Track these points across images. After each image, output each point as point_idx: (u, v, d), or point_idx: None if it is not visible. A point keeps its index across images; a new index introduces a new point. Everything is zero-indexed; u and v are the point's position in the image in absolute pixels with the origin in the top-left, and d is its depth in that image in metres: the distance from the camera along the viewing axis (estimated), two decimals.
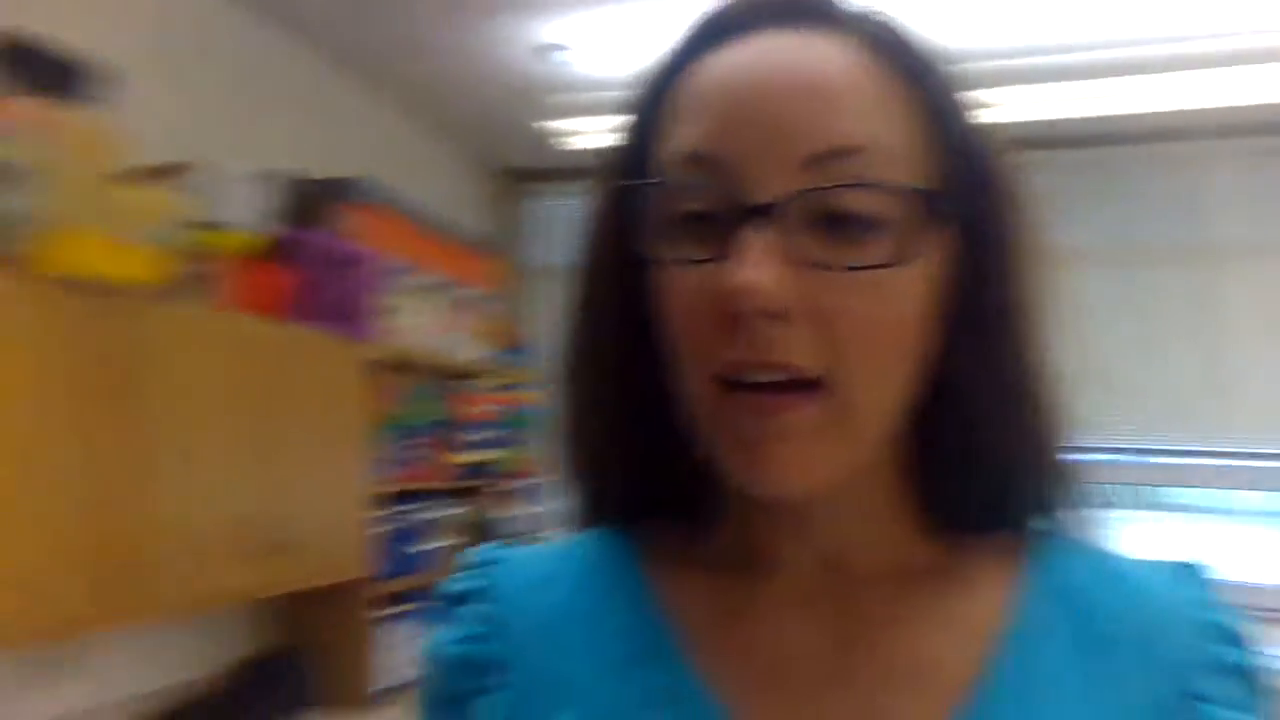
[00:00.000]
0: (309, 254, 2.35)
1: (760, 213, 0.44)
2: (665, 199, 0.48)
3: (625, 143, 0.53)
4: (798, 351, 0.44)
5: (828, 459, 0.46)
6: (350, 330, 2.44)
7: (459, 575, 0.58)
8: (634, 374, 0.53)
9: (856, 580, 0.51)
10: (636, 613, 0.53)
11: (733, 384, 0.46)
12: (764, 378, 0.45)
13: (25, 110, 1.65)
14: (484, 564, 0.58)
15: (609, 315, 0.54)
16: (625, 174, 0.52)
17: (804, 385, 0.45)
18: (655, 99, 0.51)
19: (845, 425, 0.46)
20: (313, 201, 2.46)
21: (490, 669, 0.53)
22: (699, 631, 0.51)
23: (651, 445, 0.54)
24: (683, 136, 0.48)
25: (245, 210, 2.27)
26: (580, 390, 0.56)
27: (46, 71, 1.74)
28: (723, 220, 0.45)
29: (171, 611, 2.17)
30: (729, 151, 0.45)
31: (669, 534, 0.56)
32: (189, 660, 2.38)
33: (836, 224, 0.45)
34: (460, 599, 0.57)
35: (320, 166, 2.65)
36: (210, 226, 2.10)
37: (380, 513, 2.61)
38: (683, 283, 0.47)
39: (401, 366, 2.76)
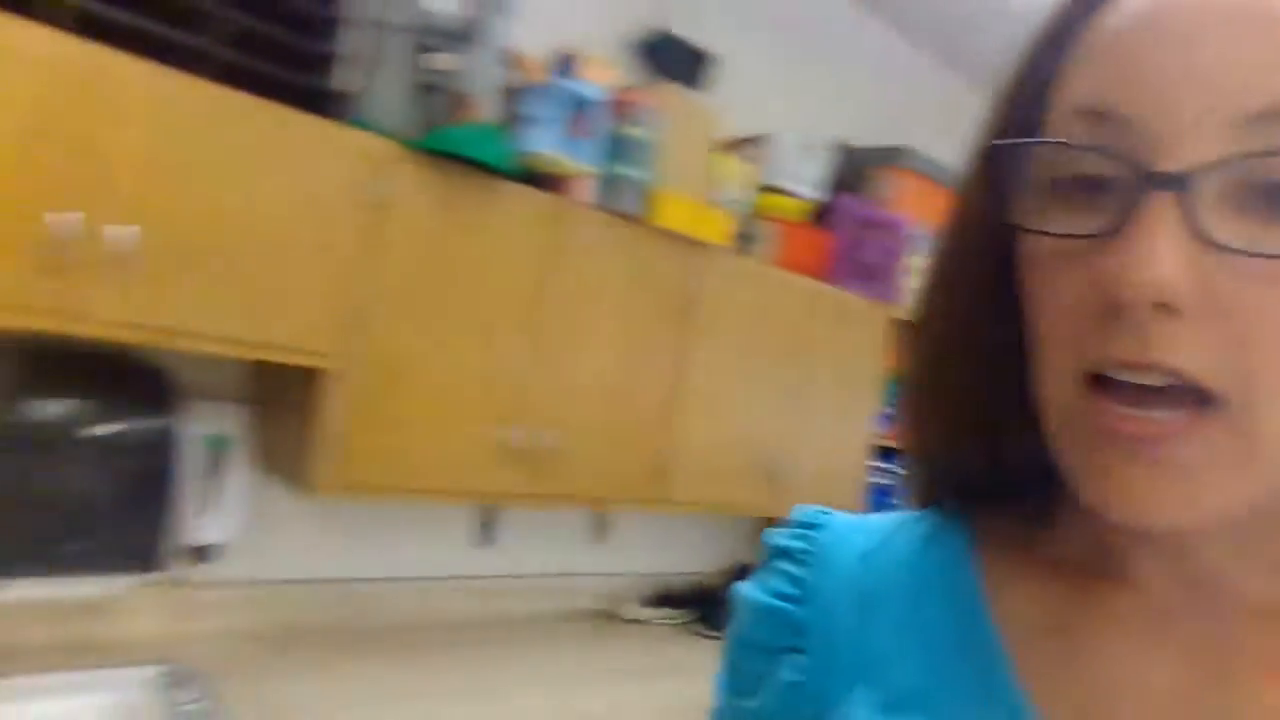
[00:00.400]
0: (849, 218, 2.51)
1: (1169, 183, 0.36)
2: (1051, 159, 0.40)
3: (1014, 93, 0.45)
4: (1191, 356, 0.36)
5: (1215, 494, 0.37)
6: (877, 291, 2.57)
7: (785, 530, 0.56)
8: (990, 350, 0.46)
9: (1234, 612, 0.43)
10: (959, 602, 0.48)
11: (1100, 380, 0.38)
12: (1141, 380, 0.37)
13: (657, 95, 2.01)
14: (808, 525, 0.55)
15: (967, 287, 0.47)
16: (1009, 129, 0.44)
17: (1189, 395, 0.37)
18: (1058, 42, 0.43)
19: (1245, 455, 0.37)
20: (859, 168, 2.60)
21: (795, 630, 0.51)
22: (1027, 636, 0.46)
23: (1001, 425, 0.48)
24: (1081, 85, 0.40)
25: (801, 177, 2.49)
26: (931, 360, 0.50)
27: (677, 60, 2.08)
28: (1119, 189, 0.37)
29: (684, 509, 2.58)
30: (1138, 105, 0.37)
31: (1010, 521, 0.50)
32: (690, 554, 2.83)
33: (1270, 200, 0.35)
34: (781, 553, 0.55)
35: (875, 134, 2.77)
36: (772, 191, 2.36)
37: (871, 464, 2.76)
38: (1059, 260, 0.40)
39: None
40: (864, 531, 0.54)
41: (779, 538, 0.55)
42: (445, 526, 2.27)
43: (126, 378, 1.63)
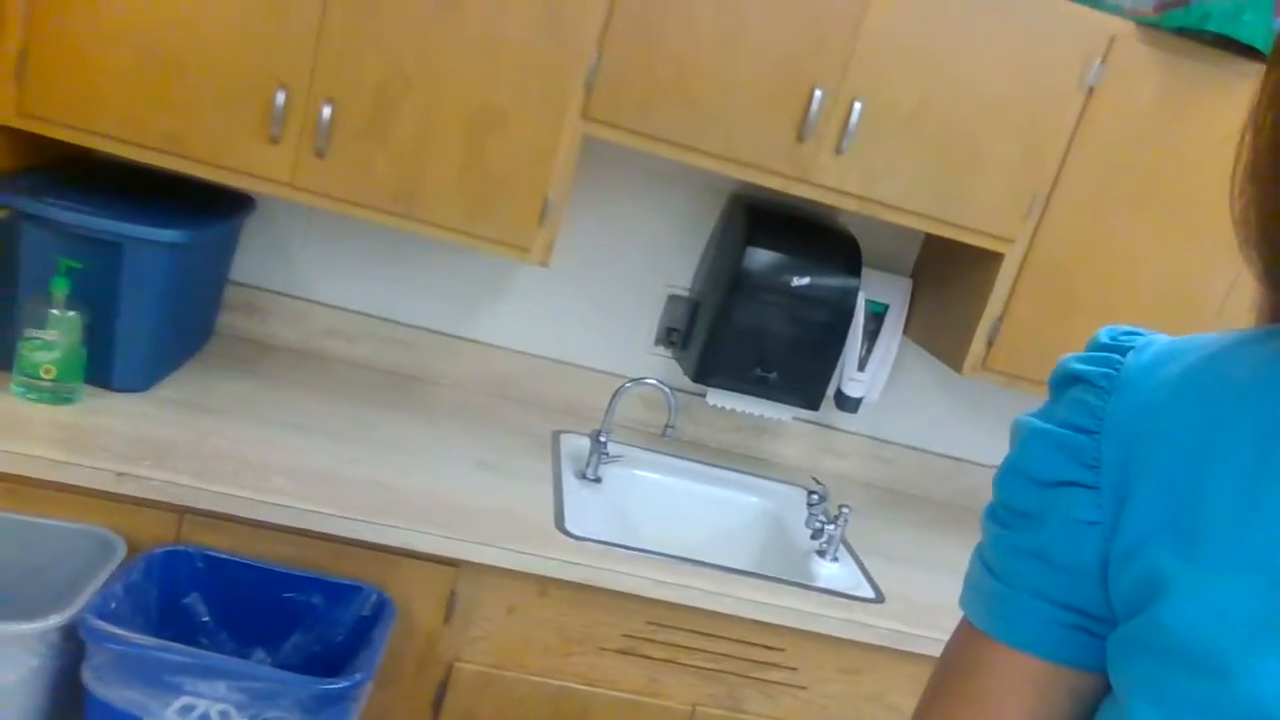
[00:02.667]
0: None
1: None
2: None
3: None
4: None
5: None
6: None
7: (1084, 355, 0.49)
8: None
9: None
10: None
11: None
12: None
13: None
14: (1113, 349, 0.48)
15: None
16: None
17: None
18: None
19: None
20: None
21: (1088, 464, 0.45)
22: None
23: None
24: None
25: None
26: None
27: None
28: None
29: None
30: None
31: None
32: None
33: None
34: (1076, 380, 0.48)
35: None
36: None
37: None
38: None
39: None
40: (1185, 353, 0.46)
41: (1076, 362, 0.49)
42: None
43: (826, 239, 1.86)
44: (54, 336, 1.38)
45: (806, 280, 1.81)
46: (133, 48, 1.46)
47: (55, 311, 1.38)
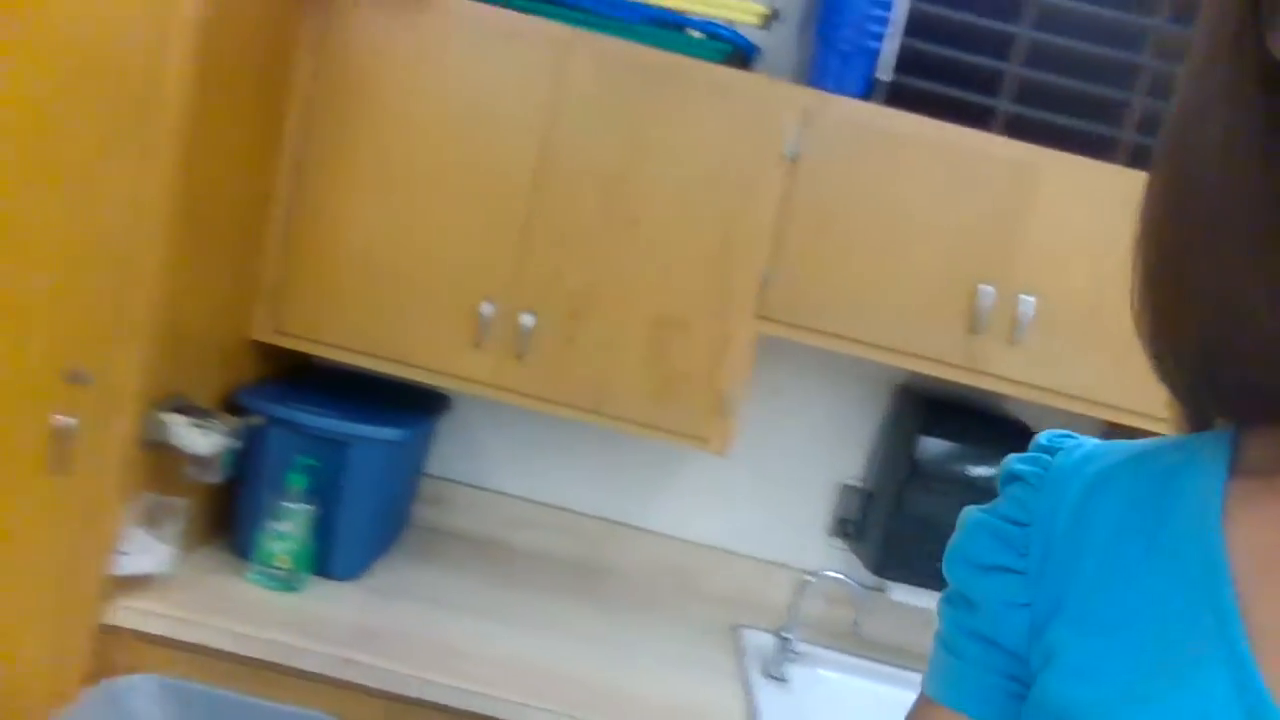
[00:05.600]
0: None
1: None
2: None
3: None
4: None
5: None
6: None
7: (1024, 455, 0.53)
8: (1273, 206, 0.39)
9: None
10: (1194, 531, 0.43)
11: None
12: None
13: None
14: (1046, 449, 0.52)
15: (1234, 120, 0.40)
16: None
17: None
18: None
19: None
20: None
21: (1018, 553, 0.49)
22: (1267, 567, 0.40)
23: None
24: None
25: None
26: (1189, 228, 0.43)
27: None
28: None
29: None
30: None
31: None
32: None
33: None
34: (1013, 478, 0.52)
35: None
36: None
37: None
38: None
39: None
40: (1105, 456, 0.50)
41: (1016, 462, 0.53)
42: None
43: (997, 427, 1.86)
44: (289, 528, 1.51)
45: (988, 470, 1.79)
46: (365, 269, 1.68)
47: (290, 505, 1.52)
